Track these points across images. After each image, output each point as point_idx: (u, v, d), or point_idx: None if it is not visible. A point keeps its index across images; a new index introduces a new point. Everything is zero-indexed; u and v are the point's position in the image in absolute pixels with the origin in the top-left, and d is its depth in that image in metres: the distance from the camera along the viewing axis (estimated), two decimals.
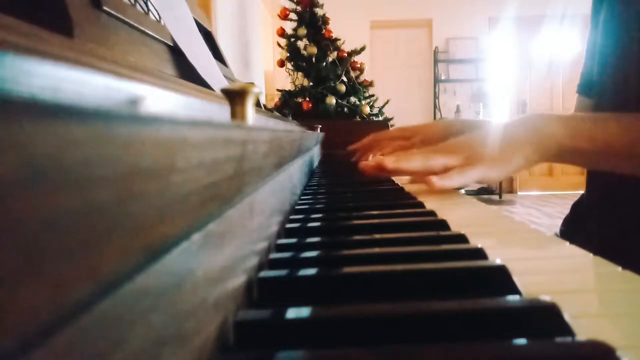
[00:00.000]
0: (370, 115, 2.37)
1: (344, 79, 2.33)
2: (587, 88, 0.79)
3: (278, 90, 2.49)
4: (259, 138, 0.23)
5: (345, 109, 2.29)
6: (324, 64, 2.36)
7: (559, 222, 0.89)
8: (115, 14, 0.37)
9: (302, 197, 0.60)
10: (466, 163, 0.59)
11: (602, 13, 0.71)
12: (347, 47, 2.42)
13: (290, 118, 1.89)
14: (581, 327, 0.19)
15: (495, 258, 0.27)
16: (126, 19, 0.39)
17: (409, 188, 0.65)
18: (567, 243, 0.36)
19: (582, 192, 0.80)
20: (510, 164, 0.58)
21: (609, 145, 0.55)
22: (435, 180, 0.57)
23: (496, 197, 4.95)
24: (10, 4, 0.24)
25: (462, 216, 0.49)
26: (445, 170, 0.59)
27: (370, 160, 0.68)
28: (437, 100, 5.34)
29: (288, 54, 2.42)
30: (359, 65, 2.41)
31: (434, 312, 0.20)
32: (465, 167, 0.59)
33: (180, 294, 0.14)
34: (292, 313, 0.20)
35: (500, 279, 0.24)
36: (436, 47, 5.28)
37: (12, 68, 0.08)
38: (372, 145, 1.01)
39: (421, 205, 0.50)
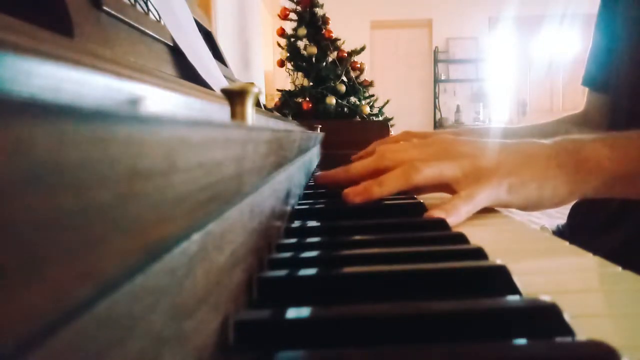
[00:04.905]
0: (370, 115, 2.37)
1: (344, 79, 2.33)
2: (592, 82, 0.79)
3: (278, 90, 2.49)
4: (259, 138, 0.23)
5: (345, 109, 2.29)
6: (324, 64, 2.37)
7: (559, 222, 0.89)
8: (115, 14, 0.37)
9: (302, 197, 0.60)
10: (472, 180, 0.45)
11: (614, 12, 0.71)
12: (347, 47, 2.42)
13: (290, 118, 1.89)
14: (581, 327, 0.19)
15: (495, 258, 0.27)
16: (126, 19, 0.39)
17: None
18: (567, 243, 0.36)
19: None
20: (532, 197, 0.44)
21: None
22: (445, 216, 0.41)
23: None
24: (10, 4, 0.24)
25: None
26: (446, 188, 0.47)
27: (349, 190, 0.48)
28: (437, 100, 5.34)
29: (288, 54, 2.43)
30: (359, 65, 2.42)
31: (434, 312, 0.20)
32: (472, 187, 0.44)
33: (180, 294, 0.14)
34: (292, 313, 0.20)
35: (500, 279, 0.24)
36: (436, 47, 5.29)
37: (12, 68, 0.08)
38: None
39: (421, 204, 0.50)
